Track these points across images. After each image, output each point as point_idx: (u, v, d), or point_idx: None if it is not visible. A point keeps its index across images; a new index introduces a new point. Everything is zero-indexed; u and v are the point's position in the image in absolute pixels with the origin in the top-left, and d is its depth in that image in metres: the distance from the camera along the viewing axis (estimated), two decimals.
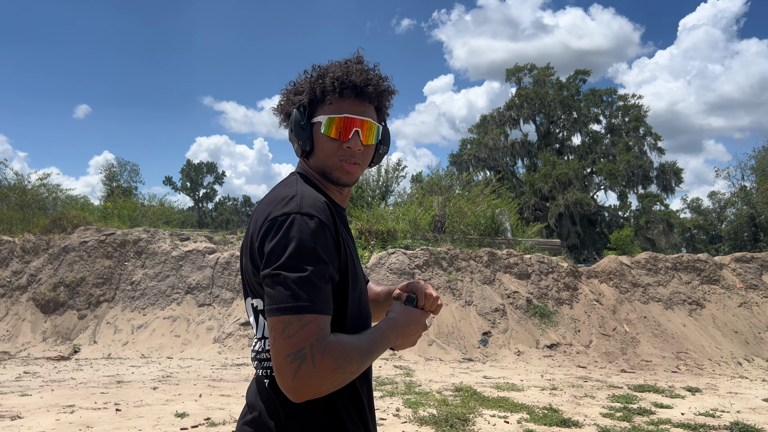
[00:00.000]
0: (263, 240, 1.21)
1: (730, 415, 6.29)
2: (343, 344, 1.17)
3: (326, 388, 1.14)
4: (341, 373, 1.15)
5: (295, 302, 1.13)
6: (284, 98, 1.46)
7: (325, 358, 1.12)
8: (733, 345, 10.85)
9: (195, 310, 11.33)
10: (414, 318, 1.38)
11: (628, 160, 33.12)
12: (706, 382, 8.77)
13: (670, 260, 12.83)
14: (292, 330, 1.12)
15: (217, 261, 12.14)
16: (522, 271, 12.19)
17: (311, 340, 1.12)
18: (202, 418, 5.53)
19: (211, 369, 8.75)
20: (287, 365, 1.12)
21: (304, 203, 1.23)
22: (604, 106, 36.63)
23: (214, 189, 60.38)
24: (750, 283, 12.53)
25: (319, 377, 1.12)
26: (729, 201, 44.70)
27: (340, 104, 1.37)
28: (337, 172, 1.39)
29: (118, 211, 17.11)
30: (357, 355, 1.19)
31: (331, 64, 1.42)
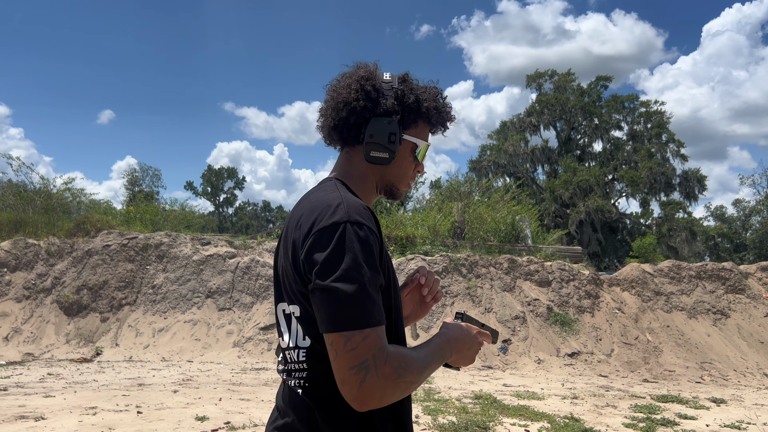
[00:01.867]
0: (312, 250, 1.20)
1: (756, 427, 6.15)
2: (403, 354, 1.19)
3: (389, 397, 1.16)
4: (403, 382, 1.17)
5: (355, 316, 1.14)
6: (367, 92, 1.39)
7: (387, 368, 1.14)
8: (758, 356, 10.63)
9: (215, 314, 11.41)
10: (465, 333, 1.41)
11: (650, 167, 32.75)
12: (732, 393, 8.60)
13: (694, 269, 12.63)
14: (354, 343, 1.13)
15: (237, 265, 12.22)
16: (543, 278, 12.08)
17: (373, 351, 1.14)
18: (222, 422, 5.56)
19: (231, 373, 8.79)
20: (352, 377, 1.13)
21: (351, 211, 1.22)
22: (626, 112, 36.29)
23: (235, 194, 60.84)
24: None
25: (382, 386, 1.14)
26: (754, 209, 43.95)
27: (428, 134, 1.48)
28: (404, 190, 1.49)
29: (140, 215, 17.33)
30: (416, 365, 1.21)
31: (428, 87, 1.45)
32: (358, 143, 1.43)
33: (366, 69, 1.43)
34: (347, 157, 1.46)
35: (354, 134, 1.42)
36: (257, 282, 11.93)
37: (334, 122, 1.42)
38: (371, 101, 1.39)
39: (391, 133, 1.38)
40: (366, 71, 1.42)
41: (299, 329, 1.29)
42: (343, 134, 1.43)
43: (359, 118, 1.40)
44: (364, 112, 1.39)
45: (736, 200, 48.72)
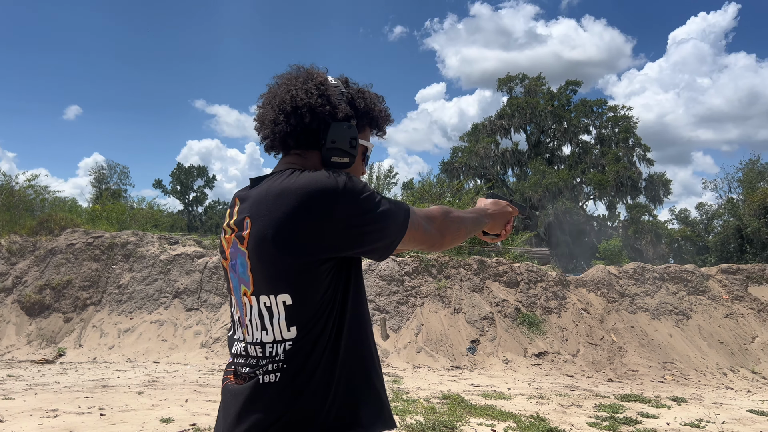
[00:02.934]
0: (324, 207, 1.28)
1: (715, 425, 6.32)
2: (437, 209, 1.52)
3: (449, 243, 1.51)
4: (450, 222, 1.51)
5: (403, 224, 1.37)
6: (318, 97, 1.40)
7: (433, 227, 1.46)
8: (718, 356, 10.92)
9: (183, 314, 11.26)
10: (496, 202, 1.74)
11: (617, 171, 33.39)
12: (692, 392, 8.82)
13: (658, 271, 12.92)
14: (414, 228, 1.40)
15: (205, 265, 12.08)
16: (511, 279, 12.22)
17: (424, 223, 1.44)
18: (187, 424, 5.49)
19: (198, 374, 8.69)
20: (424, 233, 1.43)
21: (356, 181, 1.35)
22: (594, 116, 36.95)
23: (205, 193, 60.11)
24: (736, 294, 12.64)
25: (435, 233, 1.46)
26: (716, 212, 45.10)
27: (371, 135, 1.54)
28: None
29: (106, 213, 17.02)
30: (454, 213, 1.54)
31: (370, 91, 1.51)
32: (314, 148, 1.42)
33: (321, 74, 1.44)
34: (300, 158, 1.44)
35: (312, 139, 1.41)
36: (225, 282, 11.81)
37: (291, 128, 1.39)
38: (333, 106, 1.39)
39: (352, 138, 1.40)
40: (322, 76, 1.43)
41: (283, 321, 1.30)
42: (300, 140, 1.41)
43: (321, 123, 1.39)
44: (326, 118, 1.39)
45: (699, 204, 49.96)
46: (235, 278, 1.41)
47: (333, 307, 1.33)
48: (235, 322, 1.46)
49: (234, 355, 1.43)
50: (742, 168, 42.75)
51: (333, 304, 1.33)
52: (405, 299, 11.34)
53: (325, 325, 1.31)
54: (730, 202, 42.40)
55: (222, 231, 1.47)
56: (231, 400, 1.37)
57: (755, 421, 6.73)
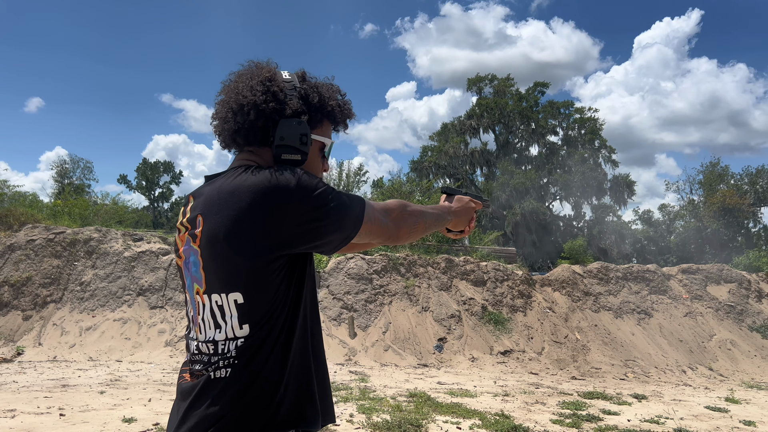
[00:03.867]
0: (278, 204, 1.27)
1: (673, 421, 6.49)
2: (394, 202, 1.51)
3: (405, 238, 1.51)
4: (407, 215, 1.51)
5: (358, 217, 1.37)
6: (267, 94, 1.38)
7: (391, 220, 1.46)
8: (678, 353, 11.21)
9: (147, 312, 11.07)
10: (461, 199, 1.76)
11: (583, 172, 33.94)
12: (652, 389, 9.03)
13: (621, 270, 13.19)
14: (370, 222, 1.40)
15: (171, 263, 11.89)
16: (478, 278, 12.33)
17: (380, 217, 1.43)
18: (150, 424, 5.41)
19: (162, 373, 8.56)
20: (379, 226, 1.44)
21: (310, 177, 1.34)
22: (561, 118, 37.47)
23: (171, 189, 59.12)
24: (695, 293, 12.98)
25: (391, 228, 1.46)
26: (678, 214, 46.26)
27: (330, 130, 1.51)
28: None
29: (68, 209, 16.61)
30: (412, 207, 1.53)
31: (327, 85, 1.48)
32: (265, 145, 1.41)
33: (269, 69, 1.41)
34: (254, 155, 1.43)
35: (261, 137, 1.39)
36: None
37: (239, 125, 1.39)
38: (279, 103, 1.38)
39: (302, 134, 1.37)
40: (269, 72, 1.40)
41: (236, 319, 1.30)
42: (249, 137, 1.40)
43: (268, 120, 1.37)
44: (273, 114, 1.37)
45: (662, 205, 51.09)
46: (189, 276, 1.39)
47: (285, 305, 1.33)
48: (189, 321, 1.45)
49: (189, 354, 1.41)
50: (702, 170, 43.97)
51: (285, 302, 1.32)
52: (373, 297, 11.35)
53: (276, 322, 1.31)
54: (691, 203, 43.55)
55: (176, 229, 1.45)
56: (181, 397, 1.36)
57: (712, 417, 6.93)
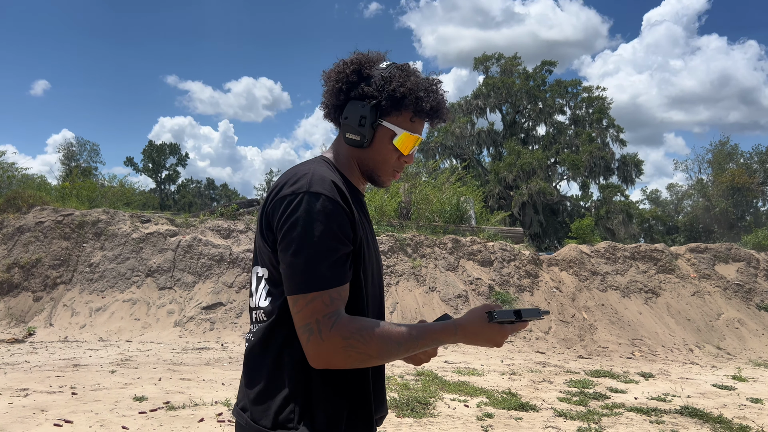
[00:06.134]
0: (272, 216, 1.30)
1: (680, 399, 6.51)
2: (360, 326, 1.24)
3: (338, 362, 1.23)
4: (354, 353, 1.23)
5: (301, 280, 1.23)
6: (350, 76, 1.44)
7: (332, 335, 1.21)
8: (685, 332, 11.21)
9: (155, 293, 11.15)
10: (486, 333, 1.32)
11: (590, 151, 33.72)
12: (659, 367, 9.05)
13: (628, 250, 13.15)
14: (299, 307, 1.23)
15: (178, 244, 11.95)
16: (485, 258, 12.33)
17: (316, 315, 1.22)
18: (161, 402, 5.47)
19: (172, 353, 8.64)
20: (301, 335, 1.24)
21: (313, 182, 1.28)
22: (569, 97, 37.16)
23: (177, 171, 59.26)
24: (703, 272, 12.94)
25: (327, 350, 1.21)
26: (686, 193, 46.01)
27: (417, 125, 1.47)
28: (385, 178, 1.50)
29: (76, 191, 16.68)
30: (379, 341, 1.25)
31: (417, 77, 1.45)
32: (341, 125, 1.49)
33: (360, 56, 1.47)
34: (337, 137, 1.53)
35: (339, 116, 1.47)
36: (199, 261, 11.71)
37: (328, 103, 1.48)
38: (350, 85, 1.44)
39: (362, 117, 1.41)
40: (358, 58, 1.46)
41: (264, 290, 1.37)
42: (333, 115, 1.49)
43: (342, 101, 1.45)
44: (341, 95, 1.44)
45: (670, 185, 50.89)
46: None
47: None
48: None
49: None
50: (712, 149, 43.64)
51: None
52: None
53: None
54: (700, 183, 43.26)
55: None
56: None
57: (719, 395, 6.94)
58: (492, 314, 1.31)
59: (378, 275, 1.48)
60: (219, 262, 11.72)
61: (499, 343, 1.34)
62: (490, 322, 1.31)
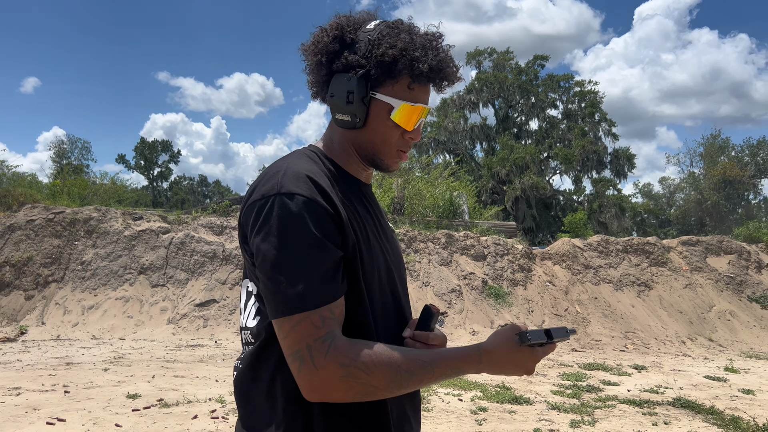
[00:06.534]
0: (244, 226, 1.12)
1: (673, 391, 6.55)
2: (361, 351, 1.03)
3: (338, 395, 1.02)
4: (356, 383, 1.02)
5: (282, 302, 1.02)
6: (330, 45, 1.19)
7: (327, 363, 1.00)
8: (677, 325, 11.27)
9: (148, 290, 11.12)
10: (516, 358, 1.12)
11: (583, 146, 33.79)
12: (652, 360, 9.10)
13: (621, 243, 13.20)
14: (284, 331, 1.03)
15: (171, 241, 11.91)
16: (478, 252, 12.35)
17: (306, 340, 1.01)
18: (154, 399, 5.46)
19: (165, 350, 8.62)
20: (291, 365, 1.04)
21: (285, 180, 1.07)
22: (561, 91, 37.19)
23: (170, 168, 59.01)
24: (695, 265, 13.01)
25: (324, 381, 1.01)
26: (678, 186, 46.25)
27: (419, 92, 1.20)
28: (390, 161, 1.25)
29: (67, 189, 16.59)
30: (386, 369, 1.03)
31: (413, 34, 1.19)
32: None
33: (341, 19, 1.22)
34: (330, 121, 1.28)
35: (325, 94, 1.23)
36: (192, 258, 11.68)
37: (313, 81, 1.25)
38: (332, 55, 1.20)
39: (349, 92, 1.17)
40: (339, 21, 1.22)
41: (253, 308, 1.17)
42: (322, 95, 1.25)
43: (325, 76, 1.22)
44: (322, 70, 1.21)
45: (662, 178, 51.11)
46: None
47: None
48: None
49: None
50: (703, 143, 43.88)
51: None
52: None
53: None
54: (692, 176, 43.49)
55: None
56: None
57: (711, 386, 6.99)
58: (524, 335, 1.10)
59: (389, 281, 1.23)
60: (212, 258, 11.69)
61: (530, 370, 1.14)
62: (521, 346, 1.11)
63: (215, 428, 4.64)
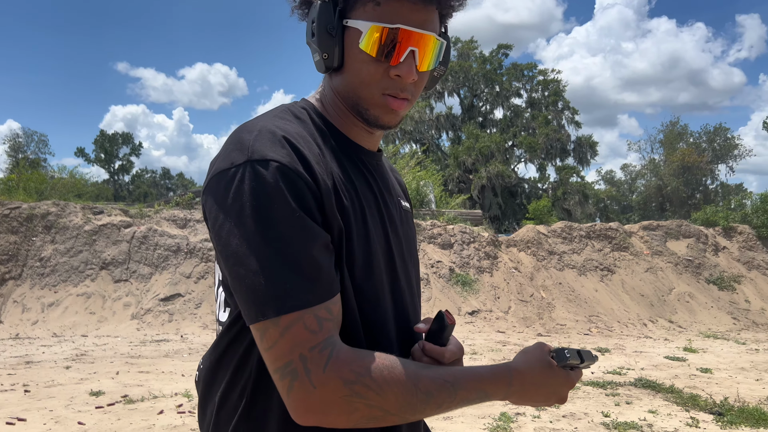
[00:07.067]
0: (204, 206, 0.87)
1: (635, 372, 6.71)
2: (370, 363, 0.81)
3: (338, 419, 0.80)
4: (362, 405, 0.80)
5: (263, 300, 0.78)
6: None
7: (328, 378, 0.78)
8: (639, 308, 11.56)
9: (111, 286, 10.90)
10: (552, 382, 0.94)
11: (547, 134, 34.26)
12: (615, 342, 9.32)
13: (584, 229, 13.44)
14: (269, 339, 0.79)
15: (133, 235, 11.68)
16: (445, 241, 12.43)
17: (299, 349, 0.78)
18: (119, 396, 5.36)
19: (129, 346, 8.48)
20: (278, 381, 0.81)
21: (257, 145, 0.83)
22: (525, 80, 37.59)
23: (131, 161, 57.87)
24: (656, 249, 13.34)
25: (322, 402, 0.78)
26: (639, 173, 47.29)
27: (391, 6, 0.89)
28: (377, 110, 0.94)
29: (23, 183, 16.12)
30: (400, 390, 0.82)
31: None
32: None
33: None
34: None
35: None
36: (156, 252, 11.48)
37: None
38: None
39: (312, 22, 0.94)
40: None
41: (222, 299, 0.96)
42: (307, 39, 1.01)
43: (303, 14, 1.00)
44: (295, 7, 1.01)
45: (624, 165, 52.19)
46: None
47: None
48: None
49: None
50: (663, 130, 44.89)
51: None
52: None
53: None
54: (652, 162, 44.50)
55: None
56: None
57: (671, 366, 7.19)
58: (562, 353, 0.92)
59: (389, 277, 0.98)
60: (176, 252, 11.51)
61: (564, 398, 0.96)
62: (557, 366, 0.93)
63: (181, 423, 4.59)
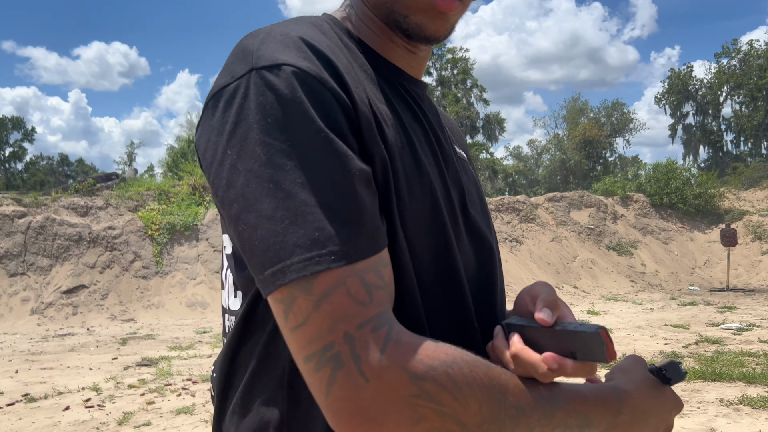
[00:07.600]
0: (197, 145, 0.63)
1: None
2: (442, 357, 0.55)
3: (393, 429, 0.52)
4: (432, 412, 0.53)
5: (282, 255, 0.53)
6: None
7: (387, 368, 0.52)
8: (546, 275, 12.14)
9: (6, 280, 10.19)
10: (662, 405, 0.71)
11: (457, 111, 35.00)
12: None
13: (493, 202, 13.91)
14: (299, 313, 0.53)
15: (29, 225, 10.94)
16: None
17: (344, 326, 0.52)
18: (19, 395, 5.06)
19: (30, 342, 7.99)
20: (312, 374, 0.54)
21: (265, 49, 0.59)
22: (434, 58, 38.10)
23: (23, 147, 54.07)
24: (560, 219, 14.02)
25: (377, 401, 0.52)
26: (545, 148, 49.38)
27: None
28: (419, 15, 0.69)
29: None
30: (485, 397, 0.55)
31: None
32: None
33: None
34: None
35: None
36: (55, 242, 10.82)
37: None
38: None
39: None
40: None
41: (231, 280, 0.72)
42: None
43: None
44: None
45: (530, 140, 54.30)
46: None
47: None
48: None
49: None
50: (565, 106, 47.04)
51: None
52: None
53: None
54: (557, 137, 46.57)
55: None
56: None
57: None
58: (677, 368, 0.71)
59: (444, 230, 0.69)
60: (78, 242, 10.90)
61: (672, 426, 0.74)
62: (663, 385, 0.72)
63: (90, 417, 4.39)
